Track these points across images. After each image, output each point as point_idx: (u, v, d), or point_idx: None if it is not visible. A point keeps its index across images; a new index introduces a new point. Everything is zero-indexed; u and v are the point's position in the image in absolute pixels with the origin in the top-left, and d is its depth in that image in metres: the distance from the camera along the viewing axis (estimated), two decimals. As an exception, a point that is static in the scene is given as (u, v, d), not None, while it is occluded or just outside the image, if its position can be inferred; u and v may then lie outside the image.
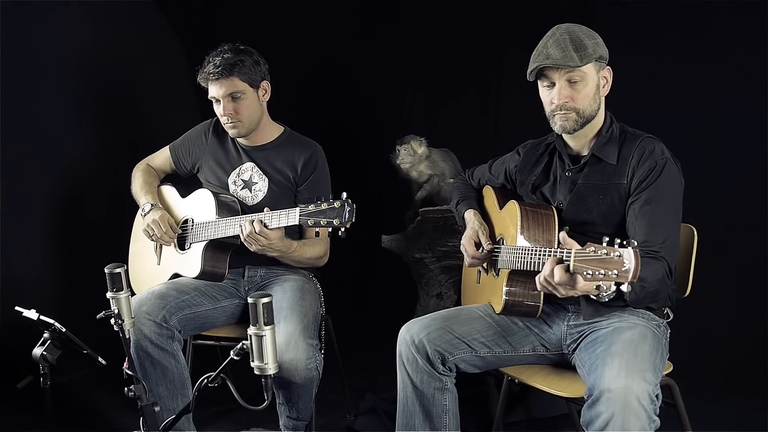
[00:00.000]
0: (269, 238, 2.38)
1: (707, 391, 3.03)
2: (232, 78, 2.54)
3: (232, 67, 2.53)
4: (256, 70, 2.59)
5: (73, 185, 3.19)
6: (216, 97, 2.58)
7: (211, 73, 2.53)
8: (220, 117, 2.62)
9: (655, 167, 2.04)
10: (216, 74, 2.53)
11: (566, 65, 2.02)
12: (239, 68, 2.54)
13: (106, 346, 2.10)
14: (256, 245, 2.40)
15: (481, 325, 2.22)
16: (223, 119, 2.62)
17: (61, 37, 3.08)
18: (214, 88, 2.57)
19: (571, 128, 2.10)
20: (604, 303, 1.92)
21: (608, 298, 1.80)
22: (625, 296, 1.78)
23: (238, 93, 2.56)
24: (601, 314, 2.08)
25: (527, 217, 2.17)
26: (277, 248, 2.44)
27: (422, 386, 2.17)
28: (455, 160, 3.25)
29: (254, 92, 2.60)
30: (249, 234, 2.36)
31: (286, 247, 2.48)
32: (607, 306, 2.03)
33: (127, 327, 1.97)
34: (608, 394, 1.80)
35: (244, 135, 2.64)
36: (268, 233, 2.37)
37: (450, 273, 3.21)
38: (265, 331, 1.72)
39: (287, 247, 2.49)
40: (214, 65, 2.53)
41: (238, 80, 2.55)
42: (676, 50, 3.20)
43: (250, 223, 2.36)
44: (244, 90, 2.56)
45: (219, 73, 2.52)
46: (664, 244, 1.98)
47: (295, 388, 2.38)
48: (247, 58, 2.56)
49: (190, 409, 1.88)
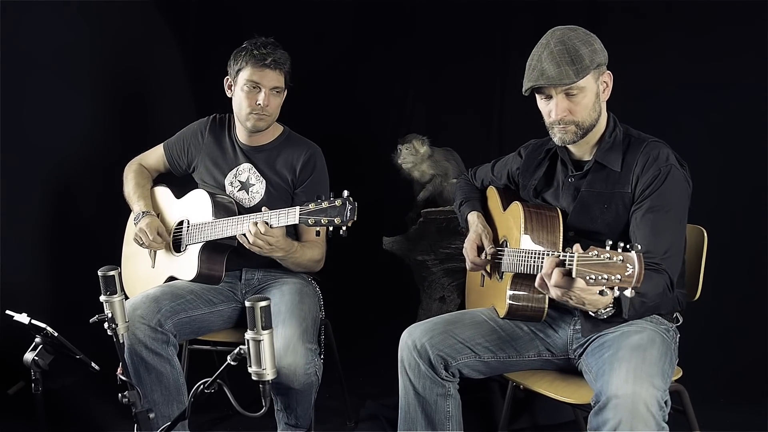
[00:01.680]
0: (276, 237, 2.38)
1: (718, 397, 3.03)
2: (283, 73, 2.58)
3: (285, 62, 2.57)
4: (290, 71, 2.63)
5: (65, 184, 3.18)
6: (260, 83, 2.55)
7: (271, 60, 2.53)
8: (250, 106, 2.57)
9: (659, 174, 2.02)
10: (272, 64, 2.53)
11: (562, 83, 2.00)
12: (287, 65, 2.58)
13: (100, 351, 2.10)
14: (264, 246, 2.38)
15: (485, 329, 2.22)
16: (254, 108, 2.57)
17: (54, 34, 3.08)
18: (262, 74, 2.54)
19: (571, 140, 2.09)
20: (603, 320, 1.92)
21: (606, 315, 1.80)
22: (624, 313, 1.79)
23: (280, 89, 2.59)
24: (600, 330, 2.07)
25: (531, 218, 2.17)
26: (281, 247, 2.43)
27: (424, 392, 2.17)
28: (458, 159, 3.26)
29: (284, 92, 2.64)
30: (255, 235, 2.35)
31: (288, 246, 2.47)
32: (606, 322, 2.02)
33: (121, 331, 1.97)
34: (616, 401, 1.80)
35: (263, 129, 2.64)
36: (273, 232, 2.37)
37: (453, 276, 3.22)
38: (263, 336, 1.72)
39: (290, 247, 2.49)
40: (271, 53, 2.54)
41: (283, 77, 2.59)
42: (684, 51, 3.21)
43: (254, 224, 2.35)
44: (283, 88, 2.60)
45: (275, 64, 2.54)
46: (666, 255, 1.96)
47: (293, 394, 2.38)
48: (288, 57, 2.60)
49: (186, 416, 1.88)
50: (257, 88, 2.56)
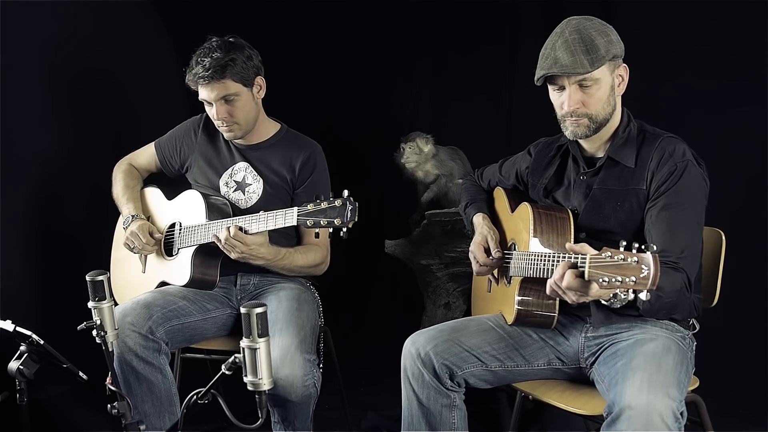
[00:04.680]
0: (246, 244, 2.37)
1: (736, 408, 3.03)
2: (224, 80, 2.49)
3: (224, 69, 2.48)
4: (249, 67, 2.55)
5: (51, 184, 3.18)
6: (207, 100, 2.55)
7: (201, 77, 2.48)
8: (214, 120, 2.60)
9: (675, 170, 2.03)
10: (206, 77, 2.48)
11: (575, 72, 2.01)
12: (231, 68, 2.49)
13: (88, 360, 2.11)
14: (235, 252, 2.39)
15: (492, 336, 2.23)
16: (217, 123, 2.59)
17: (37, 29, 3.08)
18: (204, 91, 2.53)
19: (583, 134, 2.09)
20: (616, 310, 1.92)
21: (620, 305, 1.80)
22: (638, 304, 1.78)
23: (232, 95, 2.52)
24: (612, 322, 2.08)
25: (540, 220, 2.17)
26: (260, 255, 2.43)
27: (429, 403, 2.17)
28: (464, 159, 3.26)
29: (248, 91, 2.57)
30: (225, 239, 2.36)
31: (271, 254, 2.47)
32: (618, 314, 2.02)
33: (110, 339, 1.98)
34: (629, 412, 1.80)
35: (240, 137, 2.64)
36: (244, 238, 2.36)
37: (459, 281, 3.22)
38: (259, 344, 1.72)
39: (273, 255, 2.48)
40: (203, 67, 2.47)
41: (231, 82, 2.51)
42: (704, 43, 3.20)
43: (226, 228, 2.36)
44: (237, 91, 2.53)
45: (209, 76, 2.47)
46: (683, 254, 1.96)
47: (291, 406, 2.38)
48: (238, 56, 2.51)
49: (179, 428, 1.89)
50: (209, 104, 2.56)
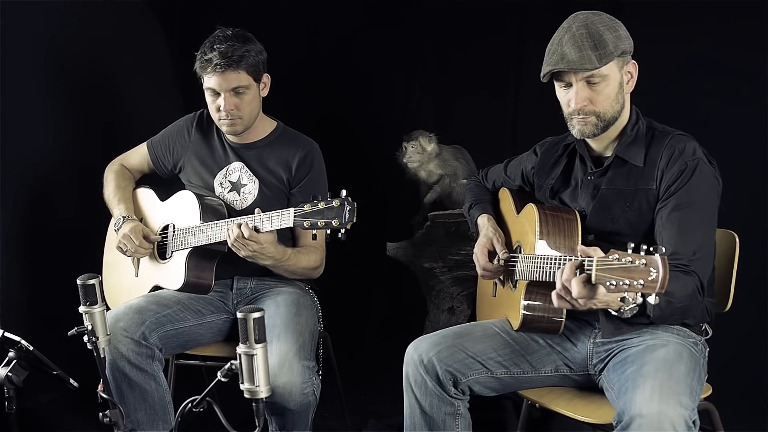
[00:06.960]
0: (260, 243, 2.38)
1: (750, 416, 3.02)
2: (239, 71, 2.51)
3: (241, 59, 2.50)
4: (260, 62, 2.57)
5: (41, 187, 3.19)
6: (217, 89, 2.54)
7: (217, 64, 2.49)
8: (217, 112, 2.59)
9: (685, 169, 2.03)
10: (222, 65, 2.48)
11: (583, 68, 2.01)
12: (247, 60, 2.51)
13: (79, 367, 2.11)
14: (246, 250, 2.39)
15: (498, 342, 2.23)
16: (220, 114, 2.59)
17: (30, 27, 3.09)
18: (215, 79, 2.52)
19: (591, 133, 2.10)
20: (626, 320, 1.92)
21: (630, 314, 1.80)
22: (648, 310, 1.78)
23: (242, 88, 2.54)
24: (623, 333, 2.07)
25: (547, 222, 2.17)
26: (270, 254, 2.44)
27: (432, 411, 2.17)
28: (468, 158, 3.26)
29: (256, 86, 2.59)
30: (237, 238, 2.36)
31: (279, 253, 2.48)
32: (629, 324, 2.02)
33: (102, 345, 1.98)
34: (640, 420, 1.80)
35: (240, 132, 2.64)
36: (258, 237, 2.37)
37: (463, 285, 3.22)
38: (257, 350, 1.73)
39: (281, 254, 2.49)
40: (220, 53, 2.48)
41: (245, 73, 2.53)
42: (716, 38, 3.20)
43: (237, 226, 2.36)
44: (248, 84, 2.55)
45: (226, 65, 2.48)
46: (695, 257, 1.96)
47: (289, 414, 2.38)
48: (253, 48, 2.54)
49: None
50: (216, 94, 2.56)
